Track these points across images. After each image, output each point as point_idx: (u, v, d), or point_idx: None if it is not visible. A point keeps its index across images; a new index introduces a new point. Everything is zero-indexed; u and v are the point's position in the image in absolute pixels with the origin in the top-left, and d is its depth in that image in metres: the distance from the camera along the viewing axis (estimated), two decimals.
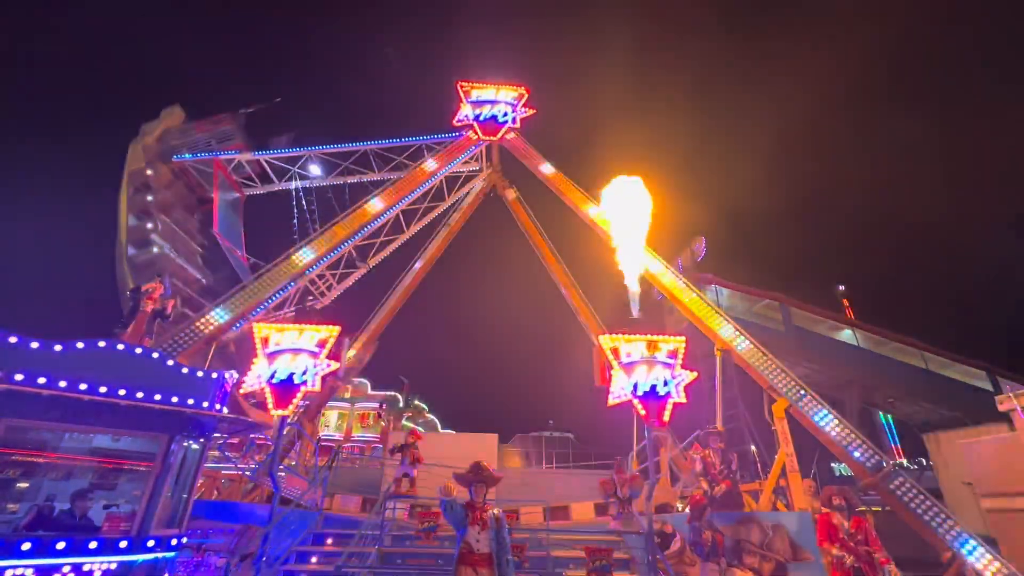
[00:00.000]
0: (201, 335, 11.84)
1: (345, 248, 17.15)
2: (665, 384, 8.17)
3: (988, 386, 20.90)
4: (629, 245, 14.66)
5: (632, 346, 8.54)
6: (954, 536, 9.50)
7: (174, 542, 6.72)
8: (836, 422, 11.44)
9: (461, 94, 20.27)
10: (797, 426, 12.02)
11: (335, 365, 8.78)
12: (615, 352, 8.52)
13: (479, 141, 19.80)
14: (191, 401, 6.79)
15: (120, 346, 6.81)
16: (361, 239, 17.75)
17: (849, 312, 32.04)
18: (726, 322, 13.86)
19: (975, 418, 18.55)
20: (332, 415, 29.67)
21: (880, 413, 26.66)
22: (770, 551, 8.30)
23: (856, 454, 10.89)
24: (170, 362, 7.10)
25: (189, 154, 19.23)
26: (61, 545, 5.63)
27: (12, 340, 6.05)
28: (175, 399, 6.66)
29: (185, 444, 7.01)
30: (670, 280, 15.07)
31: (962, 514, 13.64)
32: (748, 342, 13.19)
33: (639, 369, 8.31)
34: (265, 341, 8.61)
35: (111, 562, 5.92)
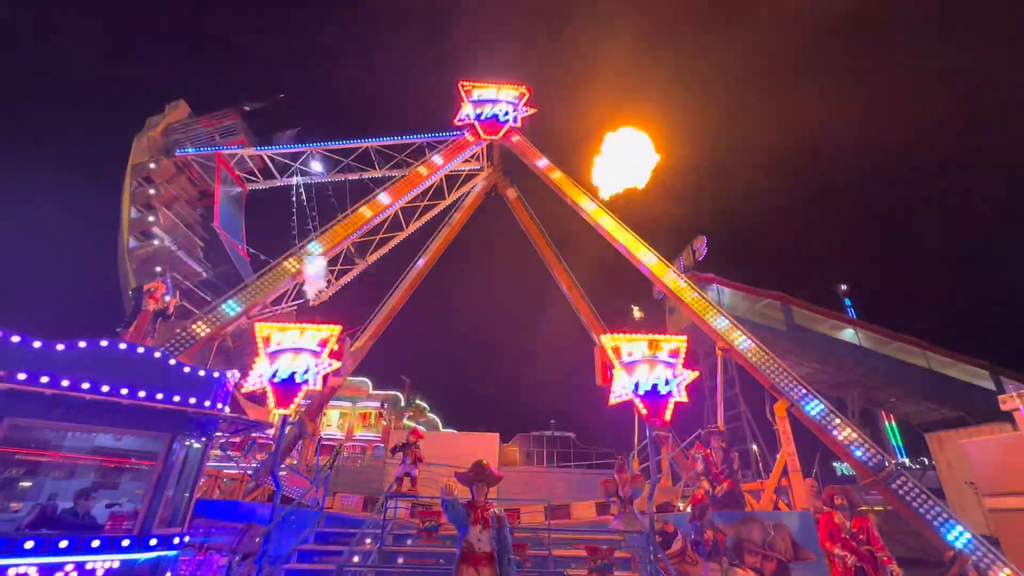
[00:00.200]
0: (205, 334, 11.88)
1: (343, 244, 17.21)
2: (666, 383, 8.15)
3: (991, 385, 20.83)
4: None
5: (633, 345, 8.52)
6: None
7: (176, 541, 6.74)
8: (838, 421, 11.42)
9: (462, 93, 20.27)
10: (799, 425, 12.01)
11: (336, 364, 8.79)
12: (616, 351, 8.51)
13: (480, 140, 19.81)
14: (193, 400, 6.81)
15: (122, 345, 6.82)
16: (359, 236, 17.77)
17: (850, 311, 32.02)
18: (724, 318, 13.84)
19: (977, 417, 18.53)
20: (334, 414, 29.72)
21: (882, 412, 26.63)
22: (772, 550, 8.29)
23: (858, 453, 10.86)
24: (172, 361, 7.11)
25: (192, 148, 19.27)
26: (64, 544, 5.65)
27: (15, 339, 6.07)
28: (177, 398, 6.68)
29: (187, 443, 7.03)
30: (672, 279, 15.06)
31: (964, 514, 13.64)
32: (750, 341, 13.17)
33: (640, 368, 8.30)
34: (267, 340, 8.64)
35: (113, 560, 5.93)
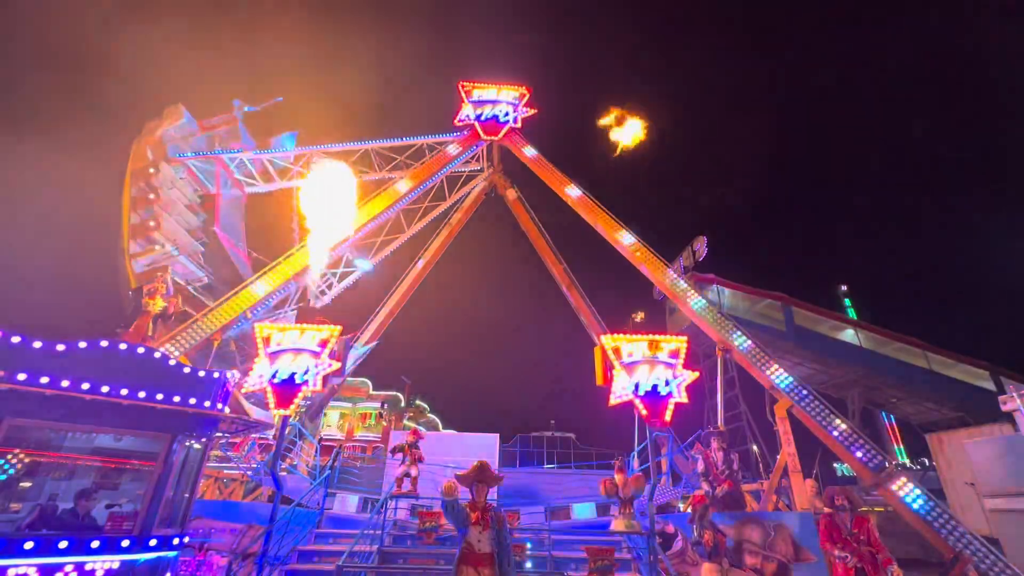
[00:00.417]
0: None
1: (346, 245, 17.26)
2: (667, 384, 8.15)
3: (991, 386, 20.81)
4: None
5: (634, 346, 8.52)
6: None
7: (176, 541, 6.72)
8: (838, 422, 11.41)
9: (463, 94, 20.28)
10: (799, 426, 12.00)
11: (336, 365, 8.79)
12: (616, 352, 8.51)
13: (480, 140, 19.82)
14: (193, 401, 6.80)
15: (122, 346, 6.81)
16: (361, 239, 17.76)
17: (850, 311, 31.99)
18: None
19: (978, 418, 18.51)
20: (334, 415, 29.73)
21: (883, 413, 26.61)
22: (772, 551, 8.27)
23: (858, 454, 10.86)
24: (172, 362, 7.11)
25: (192, 152, 19.20)
26: (63, 544, 5.64)
27: (15, 340, 6.06)
28: (177, 399, 6.67)
29: (187, 444, 7.02)
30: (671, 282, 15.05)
31: (965, 514, 13.62)
32: (750, 343, 13.16)
33: (640, 369, 8.30)
34: (267, 341, 8.64)
35: (113, 561, 5.92)
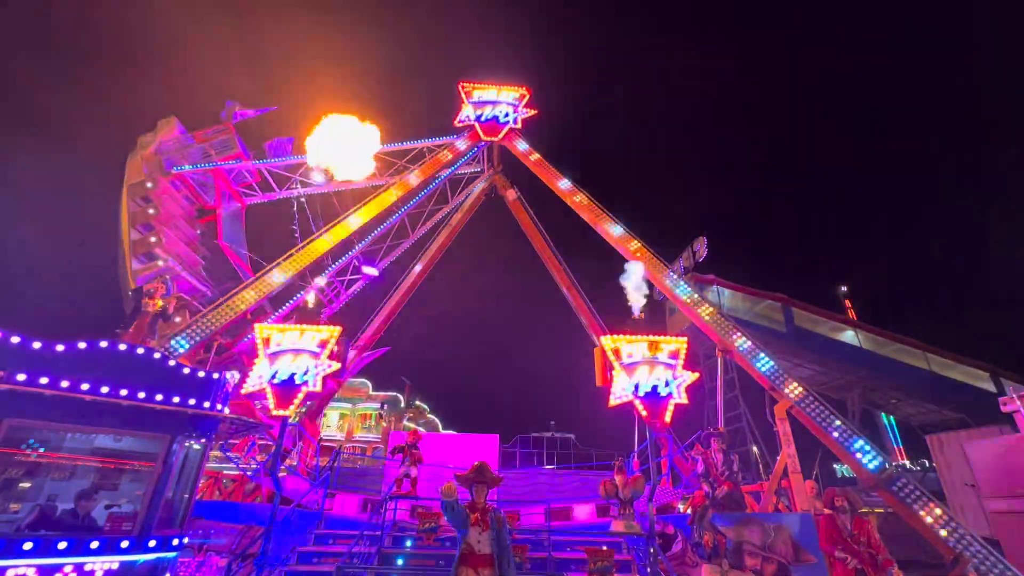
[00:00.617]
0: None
1: (352, 253, 17.35)
2: (666, 385, 8.15)
3: (991, 387, 20.82)
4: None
5: (633, 347, 8.52)
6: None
7: (175, 542, 6.72)
8: (838, 423, 11.39)
9: (463, 95, 20.29)
10: (799, 427, 11.98)
11: (336, 365, 8.80)
12: (616, 352, 8.51)
13: (481, 141, 19.83)
14: (192, 401, 6.80)
15: (122, 346, 6.81)
16: (367, 244, 17.77)
17: (851, 312, 32.00)
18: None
19: (978, 419, 18.52)
20: (333, 415, 29.75)
21: (882, 414, 26.60)
22: (772, 553, 8.26)
23: (858, 455, 10.84)
24: (172, 362, 7.11)
25: (189, 165, 18.87)
26: (63, 545, 5.63)
27: (14, 340, 6.06)
28: (176, 399, 6.67)
29: (187, 444, 7.02)
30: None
31: (965, 516, 13.61)
32: (750, 343, 13.13)
33: (640, 370, 8.29)
34: (267, 342, 8.64)
35: (113, 562, 5.92)
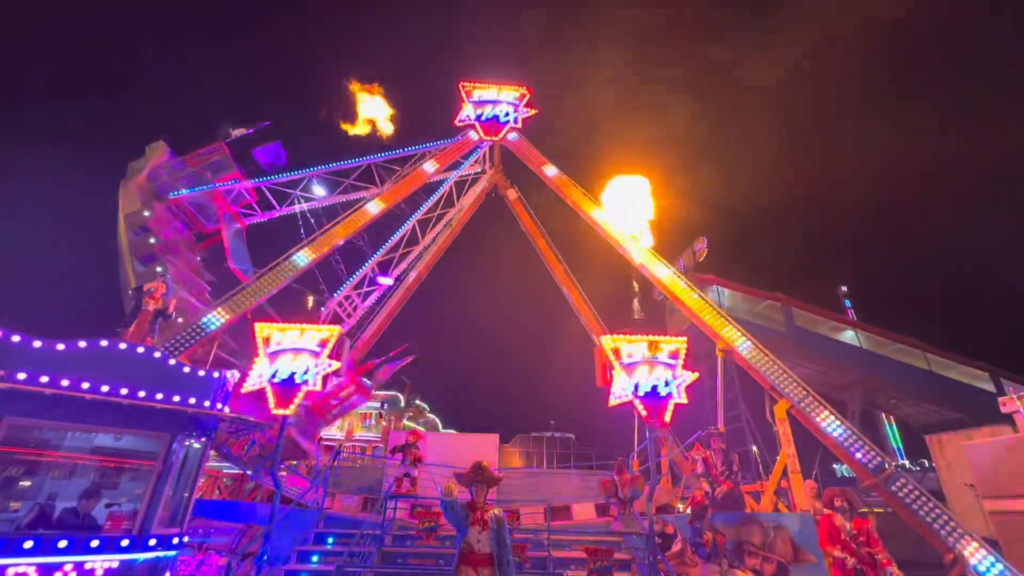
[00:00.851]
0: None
1: (368, 266, 17.36)
2: (666, 385, 8.15)
3: (991, 387, 20.83)
4: (634, 245, 14.65)
5: (633, 346, 8.51)
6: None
7: (175, 541, 6.73)
8: (838, 423, 11.41)
9: (463, 94, 20.28)
10: (799, 427, 11.99)
11: (336, 365, 8.79)
12: (616, 352, 8.51)
13: (481, 141, 19.81)
14: (192, 400, 6.80)
15: (122, 345, 6.82)
16: (383, 255, 17.78)
17: (851, 313, 32.01)
18: (729, 324, 13.81)
19: (977, 419, 18.50)
20: None
21: (882, 414, 26.60)
22: (772, 552, 8.28)
23: (858, 455, 10.85)
24: (172, 361, 7.11)
25: (186, 189, 18.10)
26: (63, 543, 5.64)
27: (15, 339, 6.06)
28: (177, 398, 6.67)
29: (187, 443, 7.02)
30: (672, 280, 15.05)
31: (964, 516, 13.60)
32: (750, 343, 13.15)
33: (640, 369, 8.29)
34: (267, 341, 8.64)
35: (113, 560, 5.92)
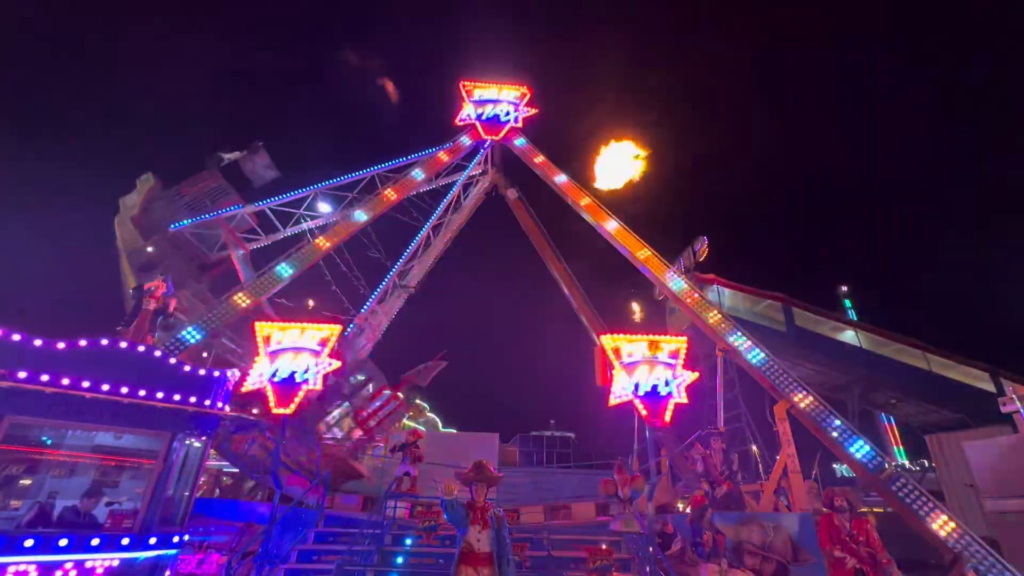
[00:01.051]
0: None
1: (390, 278, 17.75)
2: (666, 384, 8.15)
3: (991, 387, 20.76)
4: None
5: (634, 346, 8.52)
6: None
7: (176, 539, 6.73)
8: (838, 423, 11.40)
9: (464, 93, 20.28)
10: (799, 427, 11.99)
11: (336, 364, 8.79)
12: (616, 352, 8.51)
13: (482, 140, 19.81)
14: (193, 399, 6.81)
15: (123, 344, 6.82)
16: (403, 264, 18.16)
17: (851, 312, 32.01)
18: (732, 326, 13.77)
19: (977, 420, 18.49)
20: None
21: (882, 414, 26.59)
22: (771, 552, 8.27)
23: (858, 455, 10.85)
24: (172, 360, 7.12)
25: (188, 220, 17.33)
26: (63, 542, 5.65)
27: (15, 338, 6.07)
28: (177, 397, 6.68)
29: (187, 442, 7.03)
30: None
31: (964, 516, 13.61)
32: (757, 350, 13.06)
33: (640, 369, 8.30)
34: (267, 340, 8.64)
35: (113, 559, 5.93)
